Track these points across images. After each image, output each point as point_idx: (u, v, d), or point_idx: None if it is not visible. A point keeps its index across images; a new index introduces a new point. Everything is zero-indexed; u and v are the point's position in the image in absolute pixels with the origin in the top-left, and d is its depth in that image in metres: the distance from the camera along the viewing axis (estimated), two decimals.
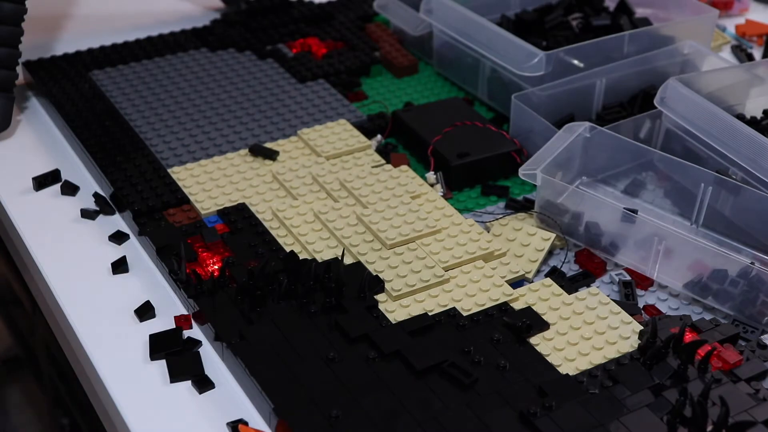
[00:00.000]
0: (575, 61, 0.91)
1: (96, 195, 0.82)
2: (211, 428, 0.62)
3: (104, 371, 0.66)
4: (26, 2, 0.89)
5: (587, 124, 0.80)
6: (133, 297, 0.72)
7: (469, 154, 0.84)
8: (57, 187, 0.83)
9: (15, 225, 0.79)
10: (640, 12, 1.02)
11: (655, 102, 0.83)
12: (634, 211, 0.73)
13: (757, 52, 1.08)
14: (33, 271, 0.77)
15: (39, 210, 0.81)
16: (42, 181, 0.83)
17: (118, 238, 0.77)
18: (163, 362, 0.66)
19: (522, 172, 0.76)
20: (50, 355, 1.04)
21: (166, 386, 0.65)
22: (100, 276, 0.74)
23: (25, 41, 0.92)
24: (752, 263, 0.69)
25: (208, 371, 0.66)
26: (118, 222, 0.80)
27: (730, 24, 1.13)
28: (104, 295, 0.72)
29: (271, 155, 0.84)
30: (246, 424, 0.62)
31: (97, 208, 0.80)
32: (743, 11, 1.16)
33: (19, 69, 0.93)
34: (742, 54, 1.05)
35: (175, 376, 0.64)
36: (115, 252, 0.76)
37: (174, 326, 0.69)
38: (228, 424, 0.62)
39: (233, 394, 0.64)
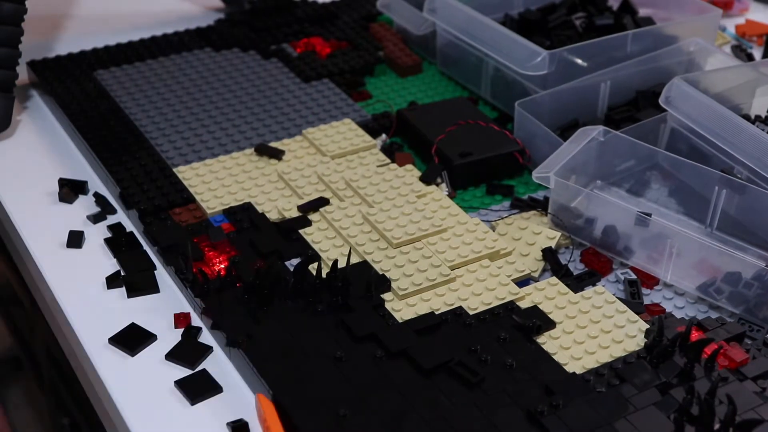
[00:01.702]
0: (578, 60, 0.92)
1: (96, 195, 0.82)
2: (213, 429, 0.62)
3: (104, 371, 0.66)
4: (27, 2, 0.89)
5: (601, 128, 0.80)
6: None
7: (472, 153, 0.84)
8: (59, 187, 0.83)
9: (15, 226, 0.79)
10: (643, 12, 1.02)
11: (660, 101, 0.83)
12: (648, 215, 0.74)
13: (757, 52, 1.08)
14: (33, 272, 0.77)
15: (40, 210, 0.81)
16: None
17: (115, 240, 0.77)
18: (165, 362, 0.66)
19: (536, 175, 0.76)
20: (50, 355, 1.03)
21: (167, 386, 0.64)
22: (101, 276, 0.73)
23: (30, 41, 0.92)
24: (767, 266, 0.69)
25: (215, 370, 0.66)
26: (122, 219, 0.80)
27: (730, 24, 1.13)
28: (106, 294, 0.72)
29: (277, 154, 0.84)
30: (245, 425, 0.62)
31: (99, 209, 0.80)
32: (743, 11, 1.16)
33: (24, 69, 0.93)
34: (742, 54, 1.05)
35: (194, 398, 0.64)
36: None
37: (174, 324, 0.69)
38: (228, 424, 0.62)
39: (240, 394, 0.64)
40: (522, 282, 0.72)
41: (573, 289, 0.71)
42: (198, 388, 0.64)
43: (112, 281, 0.73)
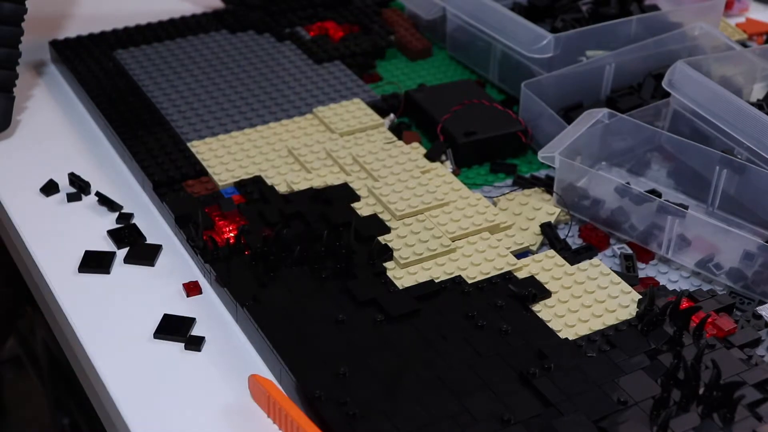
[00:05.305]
0: (584, 58, 0.93)
1: (98, 194, 0.81)
2: (213, 427, 0.62)
3: (104, 370, 0.66)
4: (27, 2, 0.88)
5: (606, 110, 0.82)
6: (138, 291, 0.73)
7: (476, 132, 0.86)
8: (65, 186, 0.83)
9: (13, 223, 0.80)
10: (648, 1, 1.04)
11: (664, 84, 0.85)
12: (651, 195, 0.75)
13: None
14: (32, 270, 0.77)
15: (40, 207, 0.81)
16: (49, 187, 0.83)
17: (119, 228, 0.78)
18: (164, 359, 0.67)
19: (541, 155, 0.78)
20: (50, 355, 1.04)
21: (167, 384, 0.65)
22: (101, 275, 0.74)
23: (53, 21, 0.93)
24: (766, 242, 0.71)
25: (221, 334, 0.68)
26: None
27: (731, 23, 1.14)
28: (106, 296, 0.72)
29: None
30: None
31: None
32: (743, 11, 1.16)
33: (45, 47, 0.95)
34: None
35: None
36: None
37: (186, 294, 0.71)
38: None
39: (246, 358, 0.67)
40: (520, 254, 0.75)
41: (570, 261, 0.73)
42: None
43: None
